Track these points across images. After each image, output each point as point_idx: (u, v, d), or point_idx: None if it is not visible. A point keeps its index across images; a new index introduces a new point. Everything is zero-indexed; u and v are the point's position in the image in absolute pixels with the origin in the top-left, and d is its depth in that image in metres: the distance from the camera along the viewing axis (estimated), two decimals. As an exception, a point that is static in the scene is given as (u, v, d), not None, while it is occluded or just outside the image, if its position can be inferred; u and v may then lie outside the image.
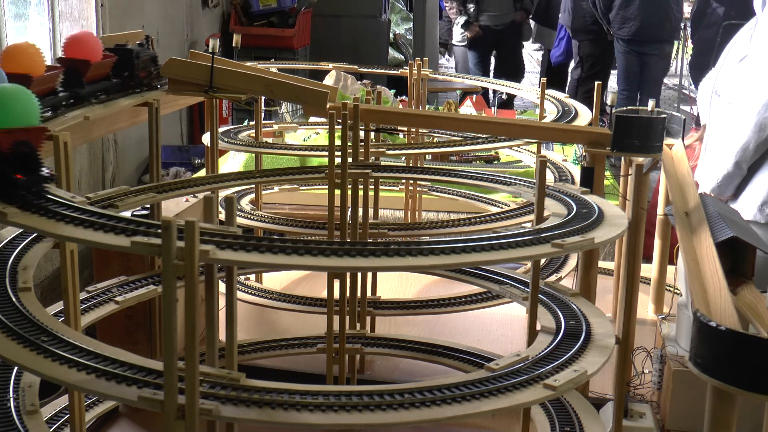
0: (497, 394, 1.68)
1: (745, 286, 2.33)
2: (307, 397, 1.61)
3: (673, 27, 8.26)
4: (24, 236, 2.11)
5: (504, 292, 2.44)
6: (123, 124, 2.82)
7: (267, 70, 2.64)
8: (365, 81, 5.46)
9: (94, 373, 1.63)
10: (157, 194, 2.32)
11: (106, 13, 6.20)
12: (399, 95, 5.90)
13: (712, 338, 1.45)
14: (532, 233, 1.80)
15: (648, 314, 3.17)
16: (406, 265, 1.65)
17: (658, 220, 3.11)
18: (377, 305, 2.89)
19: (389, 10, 10.06)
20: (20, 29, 5.34)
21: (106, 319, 2.26)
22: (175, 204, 2.75)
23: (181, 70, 2.59)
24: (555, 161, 3.55)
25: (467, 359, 2.63)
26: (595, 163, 2.36)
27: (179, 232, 1.48)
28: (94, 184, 5.99)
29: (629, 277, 2.28)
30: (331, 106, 2.50)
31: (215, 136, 2.95)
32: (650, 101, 2.84)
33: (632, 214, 2.30)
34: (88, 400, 2.29)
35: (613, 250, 3.45)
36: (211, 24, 8.50)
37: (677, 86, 11.90)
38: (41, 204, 1.71)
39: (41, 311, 1.83)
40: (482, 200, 3.46)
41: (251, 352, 2.75)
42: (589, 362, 1.84)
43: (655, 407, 2.54)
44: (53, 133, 2.04)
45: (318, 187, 4.04)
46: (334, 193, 2.46)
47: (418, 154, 3.44)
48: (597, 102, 3.20)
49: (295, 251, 1.59)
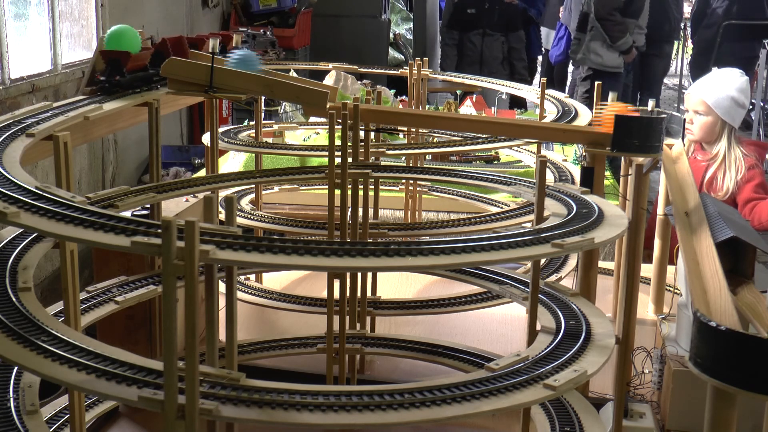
0: (497, 394, 1.68)
1: (745, 286, 2.33)
2: (307, 397, 1.61)
3: (672, 27, 8.28)
4: (24, 236, 2.10)
5: (504, 292, 2.44)
6: (123, 124, 2.82)
7: (270, 71, 2.65)
8: (365, 81, 5.46)
9: (94, 373, 1.63)
10: (157, 194, 2.32)
11: (106, 13, 6.21)
12: (399, 95, 5.90)
13: (712, 338, 1.45)
14: (532, 233, 1.80)
15: (648, 314, 3.17)
16: (406, 265, 1.65)
17: (658, 220, 3.11)
18: (377, 305, 2.89)
19: (389, 10, 10.07)
20: (20, 29, 5.34)
21: (106, 319, 2.25)
22: (175, 204, 2.75)
23: (181, 70, 2.59)
24: (555, 161, 3.55)
25: (467, 359, 2.63)
26: (595, 163, 2.36)
27: (179, 232, 1.48)
28: (94, 184, 6.00)
29: (629, 277, 2.28)
30: (331, 106, 2.50)
31: (215, 136, 2.95)
32: (650, 101, 2.84)
33: (632, 214, 2.30)
34: (88, 400, 2.29)
35: (613, 250, 3.45)
36: (211, 24, 8.51)
37: (677, 86, 11.91)
38: (41, 204, 1.71)
39: (41, 311, 1.83)
40: (482, 200, 3.46)
41: (251, 352, 2.75)
42: (589, 362, 1.84)
43: (655, 407, 2.54)
44: (53, 134, 2.05)
45: (318, 187, 4.04)
46: (334, 193, 2.46)
47: (418, 154, 3.44)
48: (597, 102, 3.20)
49: (295, 251, 1.59)
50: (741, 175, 3.68)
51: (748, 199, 3.64)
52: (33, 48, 5.44)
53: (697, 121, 3.77)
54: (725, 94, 3.70)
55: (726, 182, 3.70)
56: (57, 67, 5.59)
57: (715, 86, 3.75)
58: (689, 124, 3.78)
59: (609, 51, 7.08)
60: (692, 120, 3.79)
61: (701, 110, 3.75)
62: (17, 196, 1.73)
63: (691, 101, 3.82)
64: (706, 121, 3.75)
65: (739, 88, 3.74)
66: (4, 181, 1.82)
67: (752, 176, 3.66)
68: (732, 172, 3.70)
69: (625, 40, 7.03)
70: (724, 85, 3.74)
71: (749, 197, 3.64)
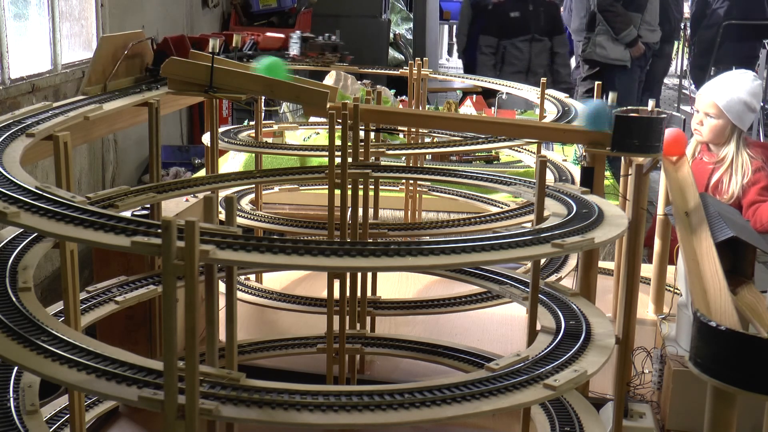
0: (497, 394, 1.68)
1: (745, 286, 2.34)
2: (307, 397, 1.61)
3: (672, 27, 8.27)
4: (24, 236, 2.10)
5: (504, 292, 2.44)
6: (123, 124, 2.82)
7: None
8: (365, 81, 5.45)
9: (94, 373, 1.63)
10: (157, 194, 2.32)
11: (106, 13, 6.21)
12: (399, 95, 5.90)
13: (712, 338, 1.45)
14: (532, 233, 1.80)
15: (648, 314, 3.16)
16: (406, 265, 1.65)
17: (658, 220, 3.11)
18: (377, 305, 2.89)
19: (389, 10, 10.07)
20: (20, 29, 5.34)
21: (106, 319, 2.25)
22: (175, 204, 2.75)
23: (181, 69, 2.59)
24: (555, 161, 3.54)
25: (467, 359, 2.63)
26: (595, 163, 2.36)
27: (179, 232, 1.48)
28: (94, 184, 6.00)
29: (629, 277, 2.28)
30: (331, 106, 2.50)
31: (215, 136, 2.94)
32: (650, 101, 2.84)
33: (632, 214, 2.30)
34: (88, 400, 2.29)
35: (613, 250, 3.45)
36: (211, 24, 8.51)
37: (677, 86, 11.91)
38: (41, 204, 1.71)
39: (41, 311, 1.83)
40: (482, 200, 3.46)
41: (251, 352, 2.75)
42: (589, 362, 1.84)
43: (655, 407, 2.54)
44: (53, 134, 2.05)
45: (318, 187, 4.04)
46: (334, 193, 2.46)
47: (418, 154, 3.44)
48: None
49: (295, 251, 1.59)
50: (747, 179, 3.64)
51: (752, 201, 3.59)
52: (33, 48, 5.44)
53: (707, 123, 3.68)
54: (737, 98, 3.62)
55: (732, 186, 3.64)
56: (57, 67, 5.59)
57: (727, 89, 3.67)
58: (698, 125, 3.69)
59: (614, 44, 7.09)
60: (702, 121, 3.70)
61: (712, 113, 3.66)
62: (17, 196, 1.73)
63: (701, 102, 3.73)
64: (716, 123, 3.66)
65: (752, 92, 3.66)
66: (4, 181, 1.82)
67: (758, 179, 3.62)
68: (738, 176, 3.64)
69: (629, 32, 7.02)
70: (737, 88, 3.65)
71: (753, 199, 3.59)
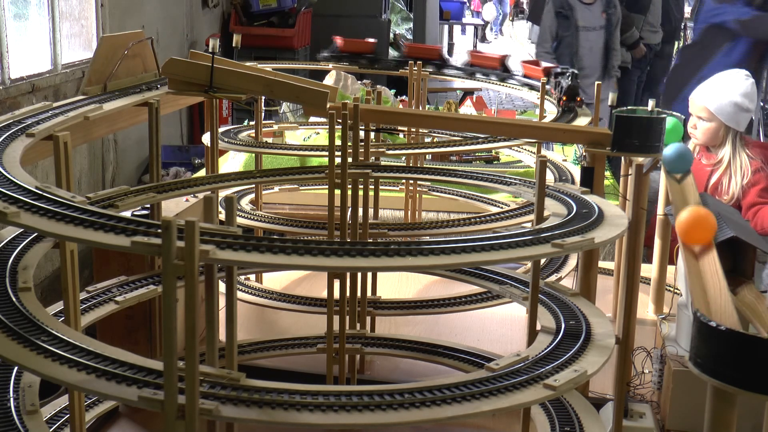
0: (497, 394, 1.68)
1: (745, 286, 2.34)
2: (307, 397, 1.61)
3: (673, 27, 8.27)
4: (24, 236, 2.10)
5: (504, 292, 2.44)
6: (123, 124, 2.82)
7: (266, 70, 2.65)
8: (365, 81, 5.46)
9: (94, 373, 1.63)
10: (157, 194, 2.32)
11: (106, 13, 6.21)
12: (399, 95, 5.90)
13: (712, 338, 1.45)
14: (532, 233, 1.80)
15: (648, 314, 3.16)
16: (406, 265, 1.65)
17: (658, 220, 3.11)
18: (377, 305, 2.89)
19: (389, 10, 10.07)
20: (20, 29, 5.34)
21: (106, 319, 2.25)
22: (175, 204, 2.75)
23: (181, 70, 2.59)
24: (555, 161, 3.54)
25: (467, 359, 2.62)
26: (595, 163, 2.36)
27: (179, 232, 1.48)
28: (94, 184, 6.00)
29: (629, 277, 2.28)
30: (331, 106, 2.50)
31: (215, 136, 2.94)
32: (650, 101, 2.84)
33: (632, 214, 2.30)
34: (88, 400, 2.29)
35: (613, 250, 3.45)
36: (211, 24, 8.51)
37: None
38: (41, 204, 1.71)
39: (41, 311, 1.83)
40: (482, 200, 3.46)
41: (251, 352, 2.75)
42: (589, 362, 1.84)
43: (655, 407, 2.54)
44: (53, 134, 2.05)
45: (318, 187, 4.04)
46: (334, 193, 2.46)
47: (418, 154, 3.44)
48: (597, 102, 3.20)
49: (295, 251, 1.59)
50: (747, 180, 3.59)
51: (752, 203, 3.56)
52: (33, 48, 5.45)
53: (700, 126, 3.65)
54: (728, 100, 3.57)
55: (732, 187, 3.59)
56: (57, 67, 5.60)
57: (717, 91, 3.62)
58: (692, 129, 3.66)
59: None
60: (695, 125, 3.67)
61: (704, 116, 3.63)
62: (17, 196, 1.73)
63: (693, 107, 3.69)
64: (710, 126, 3.63)
65: (743, 92, 3.60)
66: (4, 181, 1.82)
67: (757, 180, 3.58)
68: (737, 177, 3.59)
69: (631, 34, 7.00)
70: (727, 90, 3.60)
71: (753, 201, 3.56)
